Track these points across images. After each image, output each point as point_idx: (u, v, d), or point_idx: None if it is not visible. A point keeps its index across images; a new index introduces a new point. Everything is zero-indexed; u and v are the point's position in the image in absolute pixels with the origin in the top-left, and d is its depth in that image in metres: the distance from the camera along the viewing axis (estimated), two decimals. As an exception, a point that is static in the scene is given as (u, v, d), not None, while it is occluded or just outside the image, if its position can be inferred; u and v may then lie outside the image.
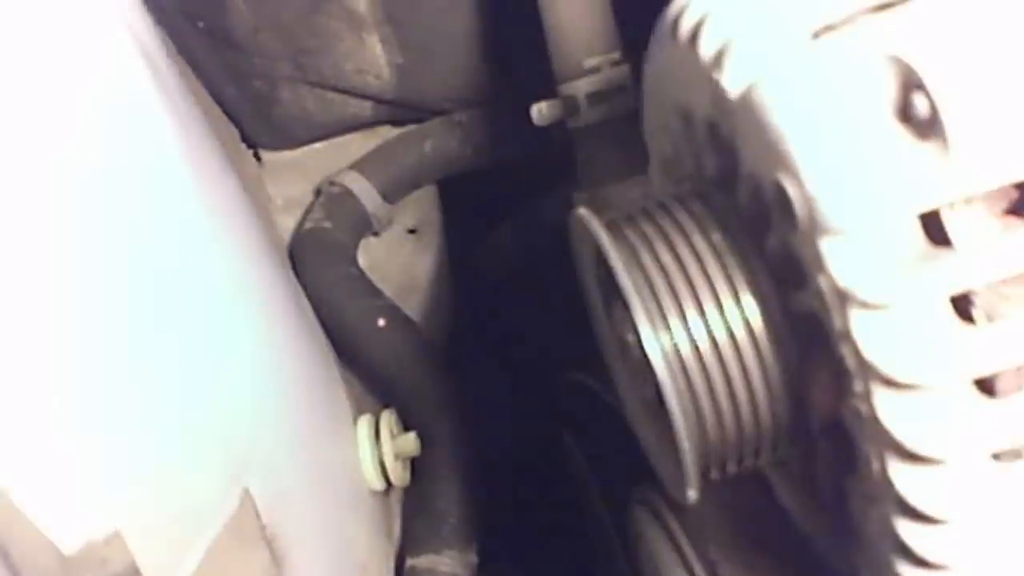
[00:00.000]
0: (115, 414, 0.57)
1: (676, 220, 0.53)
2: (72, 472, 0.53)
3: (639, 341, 0.53)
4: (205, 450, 0.67)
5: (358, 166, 1.21)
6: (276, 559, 0.73)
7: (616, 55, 0.85)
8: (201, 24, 1.02)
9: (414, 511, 1.04)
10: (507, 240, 1.24)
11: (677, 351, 0.51)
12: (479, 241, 1.26)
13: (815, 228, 0.43)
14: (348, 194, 1.19)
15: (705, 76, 0.49)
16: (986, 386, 0.43)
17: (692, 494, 0.54)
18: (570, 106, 0.86)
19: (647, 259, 0.52)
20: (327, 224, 1.17)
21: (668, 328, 0.51)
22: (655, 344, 0.51)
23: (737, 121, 0.47)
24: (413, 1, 1.03)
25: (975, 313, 0.42)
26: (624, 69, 0.85)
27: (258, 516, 0.71)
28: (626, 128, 0.86)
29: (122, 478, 0.58)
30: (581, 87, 0.85)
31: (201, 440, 0.66)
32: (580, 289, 0.99)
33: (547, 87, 0.93)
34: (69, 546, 0.52)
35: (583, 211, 0.56)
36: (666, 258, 0.52)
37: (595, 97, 0.84)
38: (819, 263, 0.44)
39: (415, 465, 1.05)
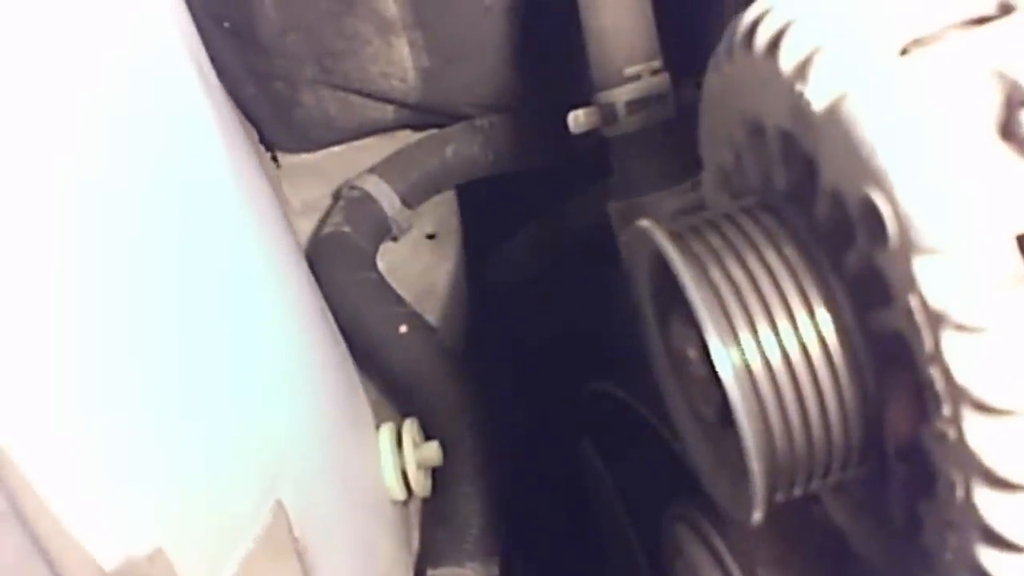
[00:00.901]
0: (155, 428, 0.56)
1: (745, 232, 0.52)
2: (112, 487, 0.52)
3: (706, 356, 0.51)
4: (241, 462, 0.65)
5: (378, 170, 1.19)
6: (306, 572, 0.72)
7: (657, 63, 0.84)
8: (226, 24, 1.01)
9: (435, 521, 1.02)
10: (527, 246, 1.23)
11: (748, 367, 0.50)
12: (498, 247, 1.25)
13: (908, 246, 0.42)
14: (368, 198, 1.17)
15: (785, 87, 0.47)
16: (1083, 412, 0.41)
17: (758, 516, 0.53)
18: (608, 114, 0.85)
19: (716, 272, 0.51)
20: (346, 228, 1.16)
21: (738, 343, 0.50)
22: (725, 360, 0.49)
23: (821, 134, 0.46)
24: (444, 5, 1.01)
25: (1074, 337, 0.41)
26: (664, 78, 0.84)
27: (290, 529, 0.69)
28: (664, 138, 0.85)
29: (161, 492, 0.56)
30: (620, 95, 0.83)
31: (237, 452, 0.65)
32: (616, 300, 0.98)
33: (572, 94, 0.91)
34: (110, 562, 0.50)
35: (647, 222, 0.54)
36: (736, 271, 0.51)
37: (634, 105, 0.83)
38: (910, 282, 0.43)
39: (435, 474, 1.03)
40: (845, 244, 0.47)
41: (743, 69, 0.52)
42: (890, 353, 0.47)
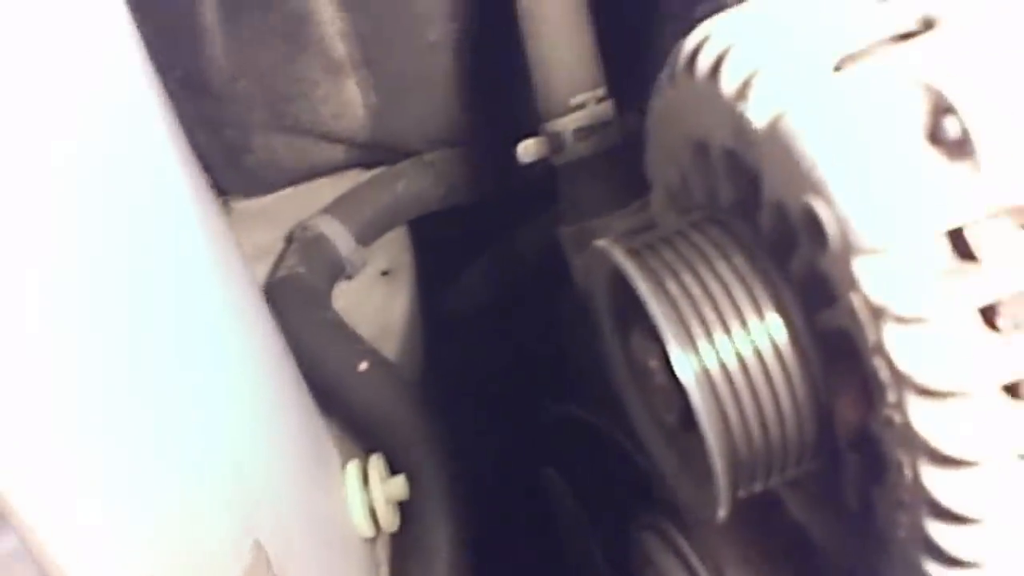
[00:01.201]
0: (142, 474, 0.57)
1: (697, 246, 0.55)
2: (104, 532, 0.53)
3: (667, 365, 0.54)
4: (220, 504, 0.67)
5: (331, 210, 1.21)
6: (285, 608, 0.73)
7: (601, 91, 0.87)
8: (177, 73, 1.03)
9: (404, 555, 1.03)
10: (481, 275, 1.26)
11: (707, 372, 0.53)
12: (452, 278, 1.27)
13: (847, 248, 0.46)
14: (321, 238, 1.19)
15: (727, 108, 0.51)
16: (1014, 390, 0.45)
17: (723, 513, 0.55)
18: (556, 143, 0.88)
19: (672, 285, 0.54)
20: (301, 269, 1.17)
21: (697, 350, 0.53)
22: (686, 366, 0.52)
23: (763, 150, 0.49)
24: (390, 43, 1.04)
25: (1002, 322, 0.44)
26: (609, 105, 0.87)
27: (270, 566, 0.71)
28: (610, 162, 0.88)
29: (150, 536, 0.57)
30: (567, 124, 0.87)
31: (217, 495, 0.66)
32: (571, 321, 1.00)
33: (520, 125, 0.95)
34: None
35: (604, 242, 0.57)
36: (691, 283, 0.54)
37: (581, 133, 0.87)
38: (851, 281, 0.46)
39: (402, 508, 1.04)
40: (790, 251, 0.51)
41: (686, 93, 0.56)
42: (837, 349, 0.50)
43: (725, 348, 0.53)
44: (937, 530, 0.48)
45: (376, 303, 1.25)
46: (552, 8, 0.85)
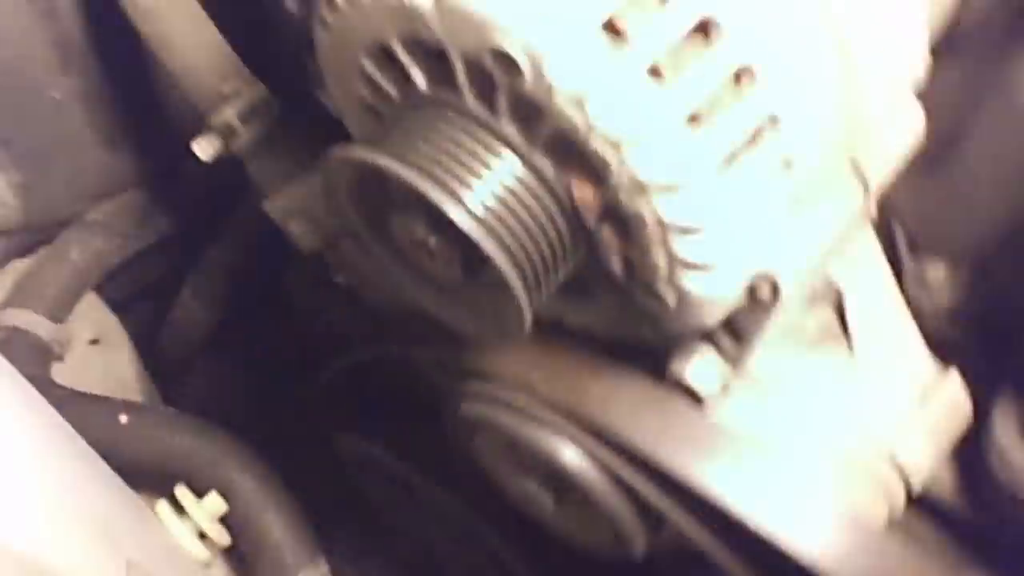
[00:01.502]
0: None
1: (419, 122, 0.65)
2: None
3: (437, 230, 0.65)
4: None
5: (12, 302, 1.17)
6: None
7: (247, 73, 0.94)
8: None
9: (251, 557, 1.06)
10: (191, 304, 1.27)
11: (477, 214, 0.63)
12: (165, 318, 1.28)
13: (536, 62, 0.58)
14: (16, 331, 1.16)
15: (393, 6, 0.61)
16: (695, 119, 0.60)
17: (528, 323, 0.67)
18: (227, 133, 0.94)
19: (417, 158, 0.64)
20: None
21: (463, 200, 0.63)
22: (461, 214, 0.62)
23: (441, 23, 0.60)
24: (19, 116, 1.03)
25: (666, 73, 0.59)
26: (259, 84, 0.94)
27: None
28: (283, 133, 0.95)
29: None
30: (229, 113, 0.93)
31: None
32: (305, 285, 1.07)
33: (171, 149, 0.99)
34: None
35: (339, 148, 0.66)
36: (429, 149, 0.64)
37: (245, 116, 0.93)
38: (548, 87, 0.59)
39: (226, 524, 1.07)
40: (492, 91, 0.62)
41: (347, 13, 0.65)
42: (563, 149, 0.63)
43: (481, 190, 0.64)
44: (681, 245, 0.63)
45: (98, 371, 1.24)
46: (174, 21, 0.90)
